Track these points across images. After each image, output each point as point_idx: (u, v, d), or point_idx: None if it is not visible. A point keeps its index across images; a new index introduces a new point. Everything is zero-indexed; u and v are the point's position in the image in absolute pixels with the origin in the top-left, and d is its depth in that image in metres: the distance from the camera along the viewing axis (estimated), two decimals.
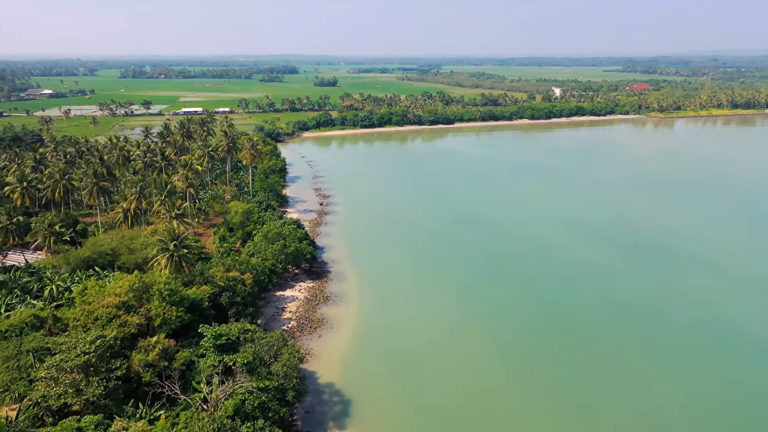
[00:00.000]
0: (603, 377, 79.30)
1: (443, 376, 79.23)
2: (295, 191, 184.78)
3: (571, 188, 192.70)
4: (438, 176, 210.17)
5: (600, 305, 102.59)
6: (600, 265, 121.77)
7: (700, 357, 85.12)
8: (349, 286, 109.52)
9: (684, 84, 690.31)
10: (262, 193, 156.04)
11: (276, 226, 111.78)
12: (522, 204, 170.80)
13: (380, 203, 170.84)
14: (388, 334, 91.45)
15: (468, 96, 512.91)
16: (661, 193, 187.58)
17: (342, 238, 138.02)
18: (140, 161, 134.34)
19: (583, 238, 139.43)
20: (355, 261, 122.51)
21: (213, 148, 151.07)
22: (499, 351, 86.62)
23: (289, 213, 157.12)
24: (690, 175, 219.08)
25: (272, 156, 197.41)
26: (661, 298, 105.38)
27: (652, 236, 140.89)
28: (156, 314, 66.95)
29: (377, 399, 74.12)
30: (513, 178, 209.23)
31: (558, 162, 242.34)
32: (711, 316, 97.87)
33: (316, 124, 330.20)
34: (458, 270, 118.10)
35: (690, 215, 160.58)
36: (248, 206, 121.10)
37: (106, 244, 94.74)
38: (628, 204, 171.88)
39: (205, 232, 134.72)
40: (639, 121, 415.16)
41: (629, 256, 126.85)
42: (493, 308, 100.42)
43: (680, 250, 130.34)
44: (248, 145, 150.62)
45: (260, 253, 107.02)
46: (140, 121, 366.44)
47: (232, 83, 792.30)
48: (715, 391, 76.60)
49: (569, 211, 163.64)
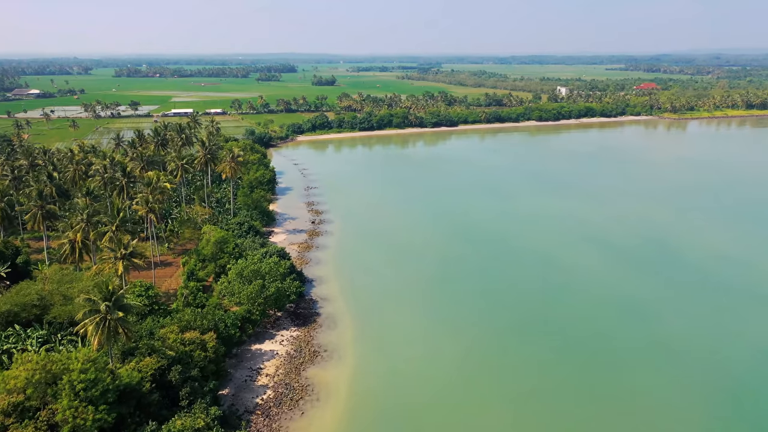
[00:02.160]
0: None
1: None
2: (284, 206, 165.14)
3: (590, 201, 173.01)
4: (443, 187, 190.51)
5: (639, 349, 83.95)
6: (633, 296, 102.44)
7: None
8: (342, 334, 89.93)
9: (691, 83, 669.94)
10: (244, 211, 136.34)
11: (253, 262, 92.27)
12: (537, 220, 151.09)
13: (379, 220, 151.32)
14: (390, 405, 71.92)
15: (471, 96, 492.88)
16: (695, 207, 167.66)
17: (335, 267, 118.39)
18: (99, 178, 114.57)
19: (611, 262, 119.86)
20: (350, 298, 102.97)
21: (188, 160, 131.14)
22: (527, 423, 67.31)
23: (276, 234, 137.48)
24: (724, 185, 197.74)
25: (260, 166, 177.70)
26: (715, 341, 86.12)
27: (691, 260, 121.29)
28: (63, 420, 47.37)
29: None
30: (524, 188, 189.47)
31: (572, 169, 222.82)
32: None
33: (312, 127, 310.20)
34: (472, 310, 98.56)
35: (737, 237, 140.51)
36: (222, 234, 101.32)
37: (33, 292, 74.99)
38: (658, 220, 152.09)
39: (175, 260, 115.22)
40: (651, 123, 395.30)
41: (666, 286, 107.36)
42: (514, 362, 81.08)
43: (732, 281, 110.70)
44: (228, 157, 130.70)
45: (233, 296, 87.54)
46: (126, 123, 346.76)
47: (228, 82, 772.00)
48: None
49: (591, 228, 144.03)
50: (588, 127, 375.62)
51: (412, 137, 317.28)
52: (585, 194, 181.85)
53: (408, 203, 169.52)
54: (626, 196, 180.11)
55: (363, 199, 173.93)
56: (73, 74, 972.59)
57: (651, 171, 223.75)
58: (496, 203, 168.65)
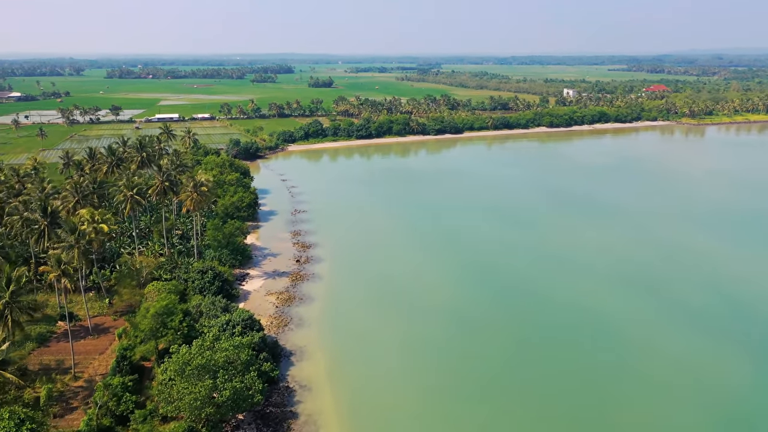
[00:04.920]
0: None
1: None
2: (266, 236, 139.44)
3: (627, 229, 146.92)
4: (452, 211, 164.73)
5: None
6: (713, 373, 77.00)
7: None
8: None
9: (699, 84, 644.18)
10: (212, 251, 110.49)
11: (205, 348, 66.58)
12: (568, 259, 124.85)
13: (377, 259, 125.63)
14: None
15: (475, 99, 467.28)
16: (758, 240, 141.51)
17: (323, 332, 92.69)
18: (17, 217, 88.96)
19: (680, 330, 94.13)
20: (340, 387, 77.26)
21: (139, 189, 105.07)
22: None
23: (251, 280, 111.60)
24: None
25: (238, 187, 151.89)
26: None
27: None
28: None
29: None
30: (546, 212, 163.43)
31: (596, 187, 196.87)
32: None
33: (305, 135, 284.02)
34: (500, 409, 73.15)
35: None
36: (166, 302, 75.33)
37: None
38: (722, 265, 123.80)
39: (116, 324, 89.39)
40: (669, 129, 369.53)
41: (758, 361, 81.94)
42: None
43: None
44: (190, 186, 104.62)
45: (171, 403, 61.95)
46: (105, 130, 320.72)
47: (221, 84, 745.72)
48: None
49: (639, 272, 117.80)
50: (602, 133, 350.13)
51: (414, 146, 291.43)
52: (619, 220, 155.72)
53: (411, 233, 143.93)
54: (668, 223, 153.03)
55: (358, 227, 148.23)
56: (64, 75, 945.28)
57: (687, 188, 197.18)
58: (517, 234, 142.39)
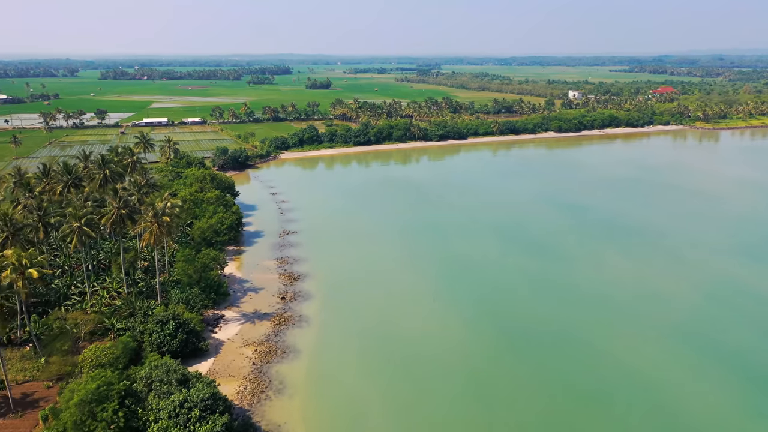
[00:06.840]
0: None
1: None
2: (249, 264, 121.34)
3: (672, 263, 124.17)
4: (460, 229, 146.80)
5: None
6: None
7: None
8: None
9: (704, 85, 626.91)
10: (177, 292, 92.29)
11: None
12: (602, 296, 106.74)
13: (375, 294, 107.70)
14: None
15: (477, 101, 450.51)
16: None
17: (307, 407, 74.60)
18: None
19: (747, 398, 76.45)
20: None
21: (89, 219, 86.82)
22: None
23: (226, 324, 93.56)
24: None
25: (219, 206, 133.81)
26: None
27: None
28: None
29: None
30: (569, 237, 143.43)
31: (621, 204, 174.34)
32: None
33: (299, 142, 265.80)
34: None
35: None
36: (95, 384, 57.15)
37: None
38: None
39: (50, 393, 71.49)
40: (683, 134, 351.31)
41: None
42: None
43: None
44: (149, 215, 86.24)
45: None
46: (89, 136, 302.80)
47: (217, 86, 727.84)
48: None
49: (695, 320, 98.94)
50: (612, 138, 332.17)
51: (416, 153, 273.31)
52: (655, 249, 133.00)
53: (415, 262, 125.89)
54: (718, 254, 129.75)
55: (353, 253, 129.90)
56: (58, 76, 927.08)
57: (727, 209, 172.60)
58: (537, 264, 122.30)
